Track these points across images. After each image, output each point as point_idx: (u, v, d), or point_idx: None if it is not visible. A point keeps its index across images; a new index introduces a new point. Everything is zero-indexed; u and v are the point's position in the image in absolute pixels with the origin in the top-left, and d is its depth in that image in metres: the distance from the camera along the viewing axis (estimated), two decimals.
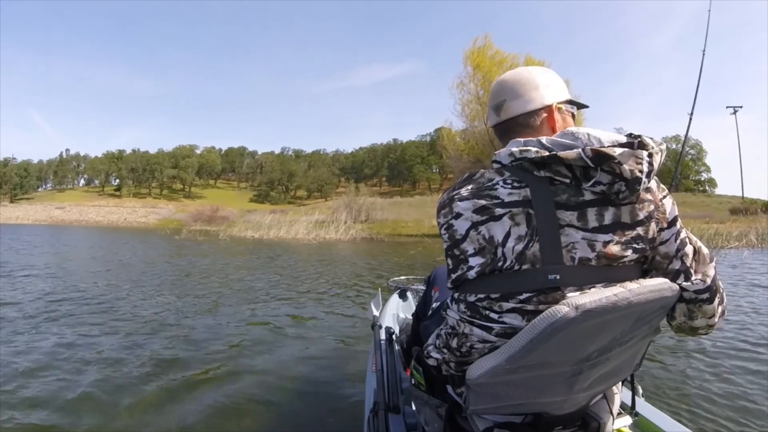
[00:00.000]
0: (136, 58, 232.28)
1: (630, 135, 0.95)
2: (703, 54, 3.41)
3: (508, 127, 1.15)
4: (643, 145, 0.92)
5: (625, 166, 0.88)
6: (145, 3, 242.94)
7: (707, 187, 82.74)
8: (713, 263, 1.01)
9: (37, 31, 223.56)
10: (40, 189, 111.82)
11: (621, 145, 0.92)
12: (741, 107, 40.96)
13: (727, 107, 41.45)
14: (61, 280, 7.99)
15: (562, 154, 0.92)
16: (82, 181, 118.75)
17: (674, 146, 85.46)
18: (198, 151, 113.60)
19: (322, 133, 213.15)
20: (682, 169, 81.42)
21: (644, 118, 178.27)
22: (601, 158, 0.89)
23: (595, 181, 0.91)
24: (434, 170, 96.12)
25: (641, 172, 0.89)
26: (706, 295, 0.99)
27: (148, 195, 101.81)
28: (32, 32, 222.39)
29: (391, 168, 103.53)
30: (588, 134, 0.96)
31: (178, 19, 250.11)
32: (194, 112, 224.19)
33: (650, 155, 0.91)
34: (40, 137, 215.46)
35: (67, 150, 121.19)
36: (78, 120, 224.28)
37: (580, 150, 0.91)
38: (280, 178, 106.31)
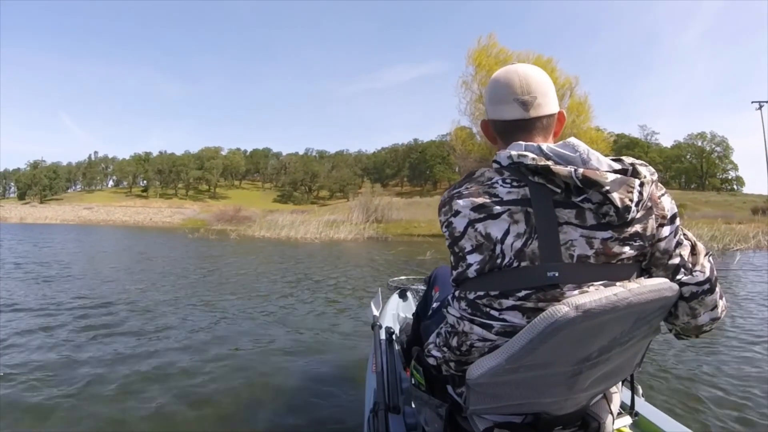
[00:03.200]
0: (165, 62, 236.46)
1: (620, 161, 0.96)
2: None
3: (527, 125, 1.11)
4: (636, 173, 0.93)
5: (615, 195, 0.88)
6: (174, 8, 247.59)
7: (735, 186, 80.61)
8: (708, 257, 1.03)
9: (68, 36, 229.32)
10: (69, 190, 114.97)
11: (615, 171, 0.93)
12: (767, 102, 39.89)
13: (752, 102, 40.50)
14: (55, 277, 8.24)
15: (555, 168, 0.92)
16: (111, 183, 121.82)
17: (699, 143, 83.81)
18: (223, 153, 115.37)
19: (346, 134, 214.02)
20: (708, 167, 79.73)
21: (672, 116, 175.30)
22: (590, 183, 0.89)
23: (585, 198, 0.92)
24: (455, 170, 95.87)
25: (631, 201, 0.89)
26: (706, 287, 0.99)
27: (175, 195, 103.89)
28: (63, 37, 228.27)
29: (413, 168, 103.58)
30: (588, 150, 0.96)
31: (206, 23, 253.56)
32: (221, 114, 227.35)
33: (642, 184, 0.92)
34: (70, 140, 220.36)
35: (96, 152, 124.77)
36: (108, 123, 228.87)
37: (572, 170, 0.91)
38: (303, 179, 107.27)
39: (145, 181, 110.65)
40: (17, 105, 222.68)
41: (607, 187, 0.88)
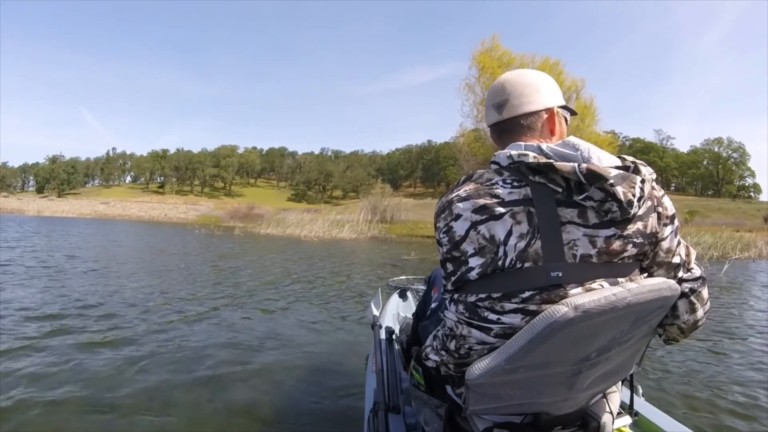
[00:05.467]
0: (185, 61, 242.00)
1: (622, 159, 0.97)
2: None
3: (509, 127, 1.14)
4: (637, 171, 0.94)
5: (619, 188, 0.88)
6: (194, 8, 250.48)
7: (752, 193, 79.32)
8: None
9: (90, 34, 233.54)
10: (88, 185, 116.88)
11: (617, 168, 0.93)
12: None
13: None
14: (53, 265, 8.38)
15: (558, 165, 0.92)
16: (128, 179, 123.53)
17: (716, 149, 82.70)
18: (239, 151, 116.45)
19: (362, 134, 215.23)
20: (725, 173, 78.71)
21: (690, 121, 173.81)
22: (594, 177, 0.88)
23: (587, 196, 0.91)
24: (469, 172, 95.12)
25: (633, 195, 0.89)
26: (701, 281, 1.05)
27: (190, 192, 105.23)
28: (86, 36, 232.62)
29: (426, 169, 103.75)
30: (589, 149, 0.96)
31: (225, 23, 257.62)
32: (239, 113, 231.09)
33: (643, 181, 0.92)
34: (91, 136, 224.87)
35: (114, 149, 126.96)
36: (127, 120, 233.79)
37: (575, 165, 0.91)
38: (317, 178, 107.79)
39: (161, 178, 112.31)
40: (40, 101, 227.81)
41: (611, 181, 0.88)
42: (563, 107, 1.18)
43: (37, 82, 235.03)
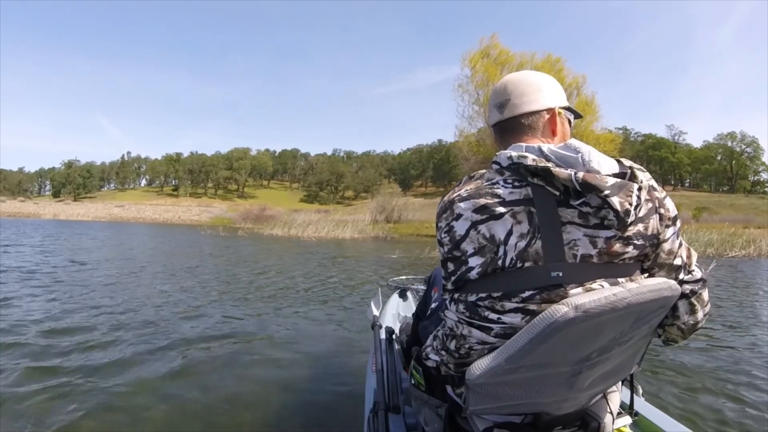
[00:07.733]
0: (200, 64, 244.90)
1: (619, 163, 0.96)
2: None
3: (510, 126, 1.14)
4: (634, 177, 0.93)
5: (615, 199, 0.87)
6: (207, 12, 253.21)
7: (767, 189, 78.03)
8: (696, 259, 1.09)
9: (106, 40, 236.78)
10: (103, 189, 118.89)
11: (614, 175, 0.92)
12: None
13: None
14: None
15: (555, 171, 0.91)
16: (144, 182, 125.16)
17: (730, 144, 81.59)
18: (252, 153, 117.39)
19: (375, 134, 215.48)
20: (738, 168, 77.68)
21: (706, 116, 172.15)
22: (589, 188, 0.88)
23: (584, 201, 0.91)
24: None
25: (630, 204, 0.88)
26: (701, 284, 1.05)
27: (204, 195, 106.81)
28: (102, 41, 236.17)
29: (436, 169, 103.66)
30: (590, 152, 0.95)
31: (239, 26, 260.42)
32: (253, 115, 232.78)
33: (639, 189, 0.91)
34: (106, 140, 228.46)
35: (129, 153, 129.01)
36: (142, 124, 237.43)
37: (572, 173, 0.90)
38: (329, 179, 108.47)
39: (175, 181, 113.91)
40: (56, 107, 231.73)
41: (607, 191, 0.87)
42: (567, 109, 1.18)
43: (54, 88, 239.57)
